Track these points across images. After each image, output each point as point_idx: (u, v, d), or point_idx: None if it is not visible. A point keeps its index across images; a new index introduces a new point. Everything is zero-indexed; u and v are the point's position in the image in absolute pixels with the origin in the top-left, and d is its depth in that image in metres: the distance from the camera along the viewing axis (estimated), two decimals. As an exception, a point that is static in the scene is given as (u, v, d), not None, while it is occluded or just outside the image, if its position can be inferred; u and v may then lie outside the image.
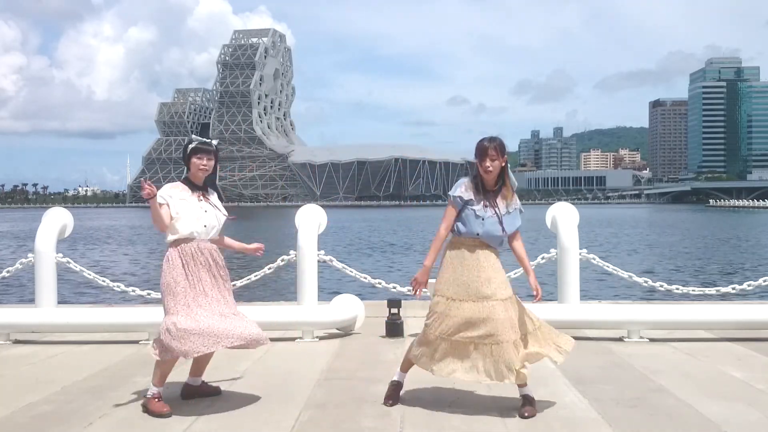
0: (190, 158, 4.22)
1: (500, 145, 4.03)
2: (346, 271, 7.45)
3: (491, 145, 4.01)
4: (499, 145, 4.03)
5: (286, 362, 5.38)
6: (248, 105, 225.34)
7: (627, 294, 14.23)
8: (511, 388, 4.52)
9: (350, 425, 3.81)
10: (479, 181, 4.07)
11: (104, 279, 7.69)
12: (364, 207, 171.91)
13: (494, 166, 4.01)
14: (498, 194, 4.08)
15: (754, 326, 6.13)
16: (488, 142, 4.03)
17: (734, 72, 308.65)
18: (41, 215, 7.47)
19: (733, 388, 4.52)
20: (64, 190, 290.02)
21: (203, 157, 4.21)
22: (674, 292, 7.25)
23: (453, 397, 4.35)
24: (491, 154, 3.99)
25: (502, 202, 4.08)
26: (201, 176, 4.25)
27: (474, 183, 4.08)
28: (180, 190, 4.23)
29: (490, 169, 4.01)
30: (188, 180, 4.28)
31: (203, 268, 4.15)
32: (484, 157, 4.01)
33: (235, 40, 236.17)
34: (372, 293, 10.78)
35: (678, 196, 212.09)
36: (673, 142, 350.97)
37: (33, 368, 5.34)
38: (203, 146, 4.23)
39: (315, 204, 7.53)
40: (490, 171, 4.02)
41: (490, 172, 4.03)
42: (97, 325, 6.38)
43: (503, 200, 4.09)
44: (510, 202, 4.11)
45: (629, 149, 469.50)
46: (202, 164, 4.20)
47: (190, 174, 4.26)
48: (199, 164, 4.20)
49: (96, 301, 13.99)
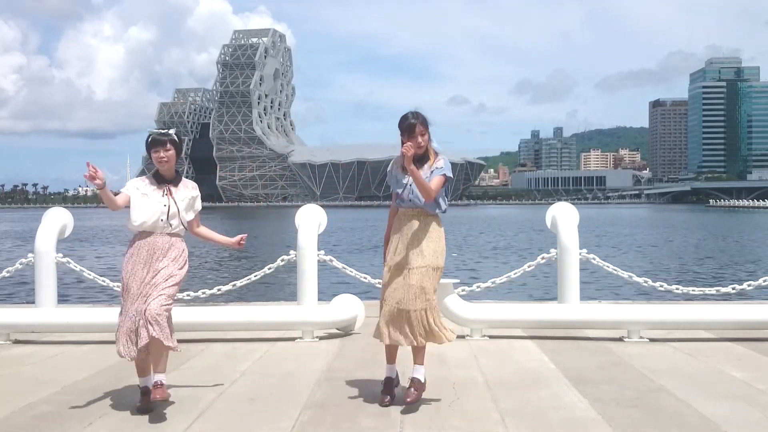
0: (149, 152, 4.20)
1: (425, 119, 4.15)
2: (346, 271, 7.45)
3: (417, 121, 4.12)
4: (424, 120, 4.14)
5: (286, 362, 5.38)
6: (248, 105, 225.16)
7: (627, 294, 14.22)
8: (511, 388, 4.53)
9: (350, 425, 3.81)
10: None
11: (104, 279, 7.68)
12: (364, 207, 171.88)
13: (425, 140, 4.13)
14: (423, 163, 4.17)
15: (754, 326, 6.13)
16: (414, 118, 4.12)
17: (734, 72, 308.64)
18: (41, 215, 7.47)
19: (733, 388, 4.52)
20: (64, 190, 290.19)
21: (159, 149, 4.16)
22: (674, 292, 7.25)
23: (453, 397, 4.35)
24: (420, 130, 4.11)
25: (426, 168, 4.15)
26: (164, 169, 4.21)
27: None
28: (145, 184, 4.22)
29: (422, 144, 4.12)
30: (156, 173, 4.26)
31: (141, 262, 4.11)
32: (413, 133, 4.10)
33: (235, 40, 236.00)
34: (372, 293, 10.78)
35: (678, 196, 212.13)
36: (673, 142, 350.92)
37: (33, 368, 5.33)
38: (158, 137, 4.18)
39: (315, 204, 7.53)
40: (422, 146, 4.13)
41: (421, 147, 4.12)
42: (97, 325, 6.38)
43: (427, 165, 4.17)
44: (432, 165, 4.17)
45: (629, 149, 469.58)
46: (158, 156, 4.17)
47: (158, 168, 4.23)
48: (156, 157, 4.18)
49: (96, 301, 13.99)
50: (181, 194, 4.26)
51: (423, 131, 4.11)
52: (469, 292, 7.11)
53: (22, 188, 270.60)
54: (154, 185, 4.21)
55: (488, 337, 6.24)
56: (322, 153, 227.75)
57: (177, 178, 4.29)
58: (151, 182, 4.23)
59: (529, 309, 6.75)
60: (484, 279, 7.97)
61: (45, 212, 7.50)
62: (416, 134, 4.10)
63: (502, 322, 6.32)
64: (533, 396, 4.34)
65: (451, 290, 6.30)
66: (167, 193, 4.21)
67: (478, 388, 4.56)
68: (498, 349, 5.79)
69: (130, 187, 4.21)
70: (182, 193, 4.27)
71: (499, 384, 4.63)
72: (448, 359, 5.41)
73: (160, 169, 4.22)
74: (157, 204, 4.16)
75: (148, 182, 4.24)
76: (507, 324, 6.33)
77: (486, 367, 5.14)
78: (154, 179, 4.24)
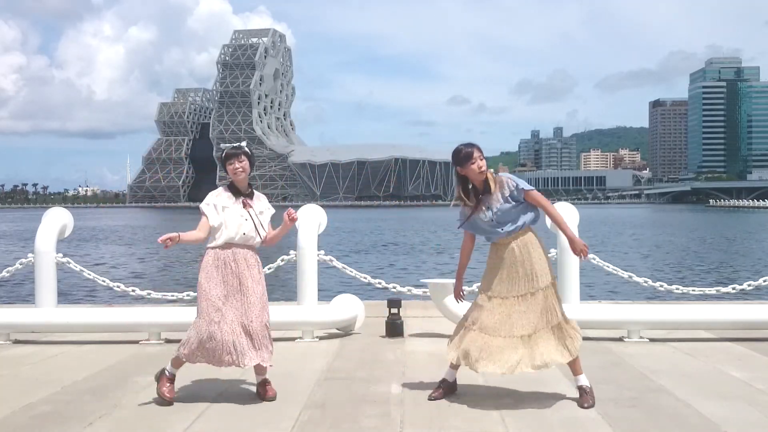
0: (225, 167, 4.32)
1: (478, 147, 4.16)
2: (346, 271, 7.45)
3: (474, 148, 4.12)
4: (478, 147, 4.15)
5: (285, 362, 5.38)
6: (248, 105, 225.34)
7: (627, 294, 14.22)
8: (511, 388, 4.53)
9: (350, 425, 3.81)
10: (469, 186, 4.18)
11: (104, 279, 7.68)
12: (364, 207, 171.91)
13: (484, 164, 4.13)
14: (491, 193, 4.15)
15: (754, 326, 6.13)
16: (469, 147, 4.12)
17: (734, 72, 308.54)
18: (41, 215, 7.46)
19: (733, 388, 4.52)
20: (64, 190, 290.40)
21: (234, 161, 4.29)
22: (674, 292, 7.25)
23: (453, 397, 4.35)
24: (478, 154, 4.10)
25: (496, 198, 4.14)
26: (239, 179, 4.32)
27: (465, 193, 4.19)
28: (223, 198, 4.33)
29: (483, 168, 4.11)
30: (232, 185, 4.36)
31: (232, 274, 4.24)
32: (471, 158, 4.09)
33: (235, 40, 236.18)
34: (372, 293, 10.79)
35: (678, 196, 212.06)
36: (673, 142, 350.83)
37: (33, 368, 5.34)
38: (232, 151, 4.31)
39: (315, 204, 7.53)
40: (484, 170, 4.12)
41: (483, 172, 4.12)
42: (97, 325, 6.38)
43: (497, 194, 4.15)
44: (502, 191, 4.15)
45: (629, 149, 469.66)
46: (234, 168, 4.28)
47: (234, 179, 4.35)
48: (232, 169, 4.28)
49: (96, 301, 13.99)
50: (259, 206, 4.39)
51: (480, 155, 4.12)
52: (469, 292, 7.10)
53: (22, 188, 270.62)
54: (232, 198, 4.33)
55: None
56: (322, 153, 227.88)
57: (251, 191, 4.41)
58: (228, 196, 4.34)
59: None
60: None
61: (45, 212, 7.49)
62: (475, 159, 4.09)
63: (502, 322, 6.31)
64: (533, 396, 4.35)
65: (451, 290, 6.29)
66: (247, 205, 4.33)
67: (478, 388, 4.56)
68: (498, 349, 5.79)
69: (209, 204, 4.32)
70: (258, 205, 4.40)
71: (499, 384, 4.63)
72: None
73: (235, 180, 4.33)
74: (239, 218, 4.28)
75: (225, 195, 4.34)
76: (507, 324, 6.32)
77: (486, 367, 5.13)
78: (230, 191, 4.35)
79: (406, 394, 4.40)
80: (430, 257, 27.21)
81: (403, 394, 4.40)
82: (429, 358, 5.50)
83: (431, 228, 54.73)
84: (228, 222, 4.26)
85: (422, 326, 6.87)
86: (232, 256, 4.27)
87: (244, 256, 4.29)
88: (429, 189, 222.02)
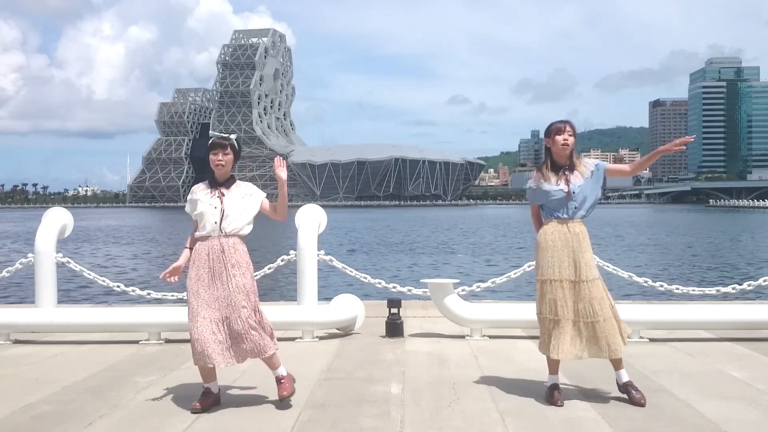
0: (208, 155, 4.22)
1: (571, 123, 4.26)
2: (346, 271, 7.45)
3: (566, 124, 4.23)
4: (572, 124, 4.26)
5: (285, 362, 5.35)
6: (248, 105, 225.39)
7: (627, 294, 14.21)
8: (511, 388, 4.53)
9: (350, 425, 3.81)
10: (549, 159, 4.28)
11: (104, 279, 7.68)
12: (364, 207, 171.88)
13: (573, 141, 4.22)
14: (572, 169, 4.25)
15: (754, 326, 6.13)
16: (562, 123, 4.24)
17: (734, 72, 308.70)
18: (41, 215, 7.46)
19: (733, 388, 4.52)
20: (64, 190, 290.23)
21: (218, 152, 4.20)
22: (674, 292, 7.25)
23: (453, 397, 4.35)
24: (570, 130, 4.21)
25: (577, 174, 4.24)
26: (219, 172, 4.23)
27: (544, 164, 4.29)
28: (200, 190, 4.28)
29: (568, 143, 4.20)
30: (212, 177, 4.29)
31: (205, 266, 4.13)
32: (563, 131, 4.20)
33: (235, 40, 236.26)
34: (372, 293, 10.78)
35: (678, 196, 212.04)
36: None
37: (33, 368, 5.33)
38: (219, 140, 4.22)
39: (315, 204, 7.53)
40: (568, 145, 4.20)
41: (567, 146, 4.20)
42: (97, 325, 6.38)
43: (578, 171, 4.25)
44: (584, 169, 4.26)
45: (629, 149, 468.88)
46: (216, 159, 4.19)
47: (214, 170, 4.26)
48: (215, 160, 4.19)
49: (96, 301, 13.99)
50: (233, 195, 4.23)
51: (571, 132, 4.21)
52: (469, 292, 7.11)
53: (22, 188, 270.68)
54: (207, 189, 4.26)
55: (488, 337, 6.25)
56: (322, 153, 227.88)
57: (230, 180, 4.28)
58: (205, 186, 4.28)
59: (529, 309, 6.72)
60: (484, 279, 7.97)
61: (45, 212, 7.49)
62: (563, 133, 4.18)
63: (502, 322, 6.32)
64: (533, 396, 4.34)
65: (451, 290, 6.30)
66: (220, 194, 4.22)
67: (478, 388, 4.56)
68: (498, 349, 5.80)
69: (187, 200, 4.30)
70: (234, 193, 4.24)
71: (499, 384, 4.63)
72: (449, 359, 5.42)
73: (216, 173, 4.24)
74: (209, 207, 4.18)
75: (202, 187, 4.29)
76: (507, 324, 6.33)
77: (486, 367, 5.14)
78: (208, 183, 4.28)
79: (406, 394, 4.40)
80: (430, 257, 27.32)
81: (403, 394, 4.40)
82: (429, 358, 5.50)
83: (431, 228, 54.74)
84: (204, 213, 4.17)
85: (422, 326, 6.87)
86: (208, 248, 4.14)
87: (222, 245, 4.14)
88: (429, 189, 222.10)
